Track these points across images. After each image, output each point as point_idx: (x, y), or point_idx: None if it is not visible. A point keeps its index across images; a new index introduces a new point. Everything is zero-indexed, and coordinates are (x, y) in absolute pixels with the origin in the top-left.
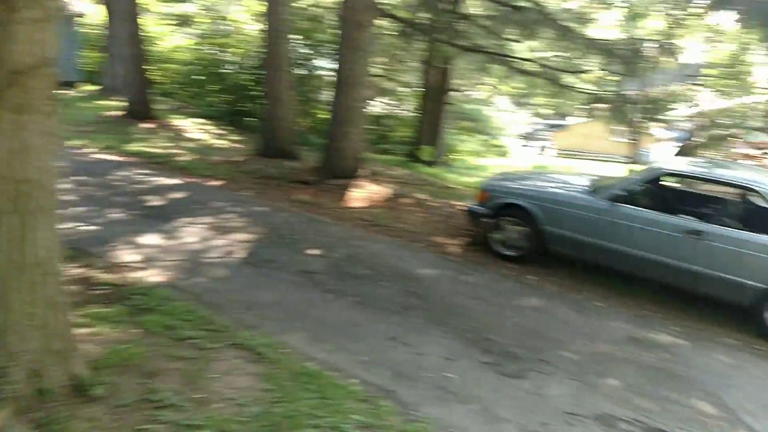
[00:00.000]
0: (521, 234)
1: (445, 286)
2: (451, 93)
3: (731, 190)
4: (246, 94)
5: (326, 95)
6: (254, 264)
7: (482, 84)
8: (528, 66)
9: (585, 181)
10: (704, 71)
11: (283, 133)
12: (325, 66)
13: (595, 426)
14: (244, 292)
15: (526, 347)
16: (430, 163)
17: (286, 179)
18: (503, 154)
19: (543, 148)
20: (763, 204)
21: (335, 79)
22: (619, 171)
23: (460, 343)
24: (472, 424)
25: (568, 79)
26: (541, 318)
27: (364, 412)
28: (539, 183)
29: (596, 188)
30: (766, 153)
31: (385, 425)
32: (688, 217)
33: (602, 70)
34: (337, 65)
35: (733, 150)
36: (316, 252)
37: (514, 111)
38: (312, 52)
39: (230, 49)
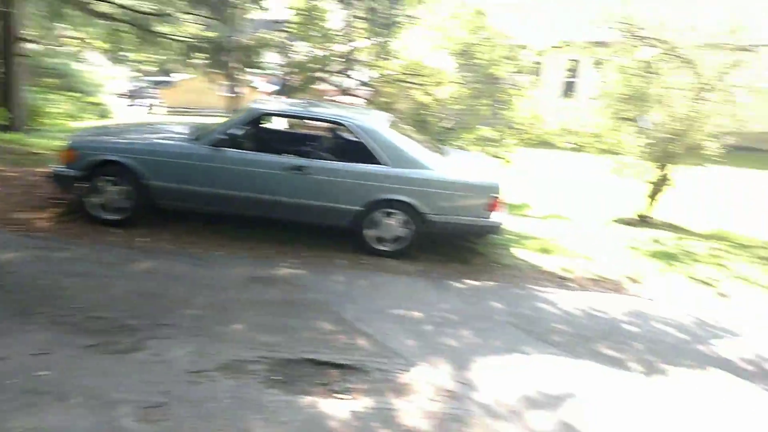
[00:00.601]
0: (123, 193)
1: (32, 269)
2: (25, 45)
3: (325, 125)
4: None
5: None
6: None
7: (70, 37)
8: (110, 10)
9: (187, 130)
10: (290, 19)
11: None
12: None
13: (221, 377)
14: None
15: (143, 316)
16: (6, 128)
17: None
18: (105, 115)
19: (151, 106)
20: (351, 136)
21: None
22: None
23: (58, 331)
24: (76, 419)
25: (162, 28)
26: (158, 280)
27: None
28: (137, 135)
29: (198, 135)
30: (348, 93)
31: None
32: (290, 155)
33: (189, 14)
34: None
35: (325, 95)
36: None
37: (112, 67)
38: None
39: None
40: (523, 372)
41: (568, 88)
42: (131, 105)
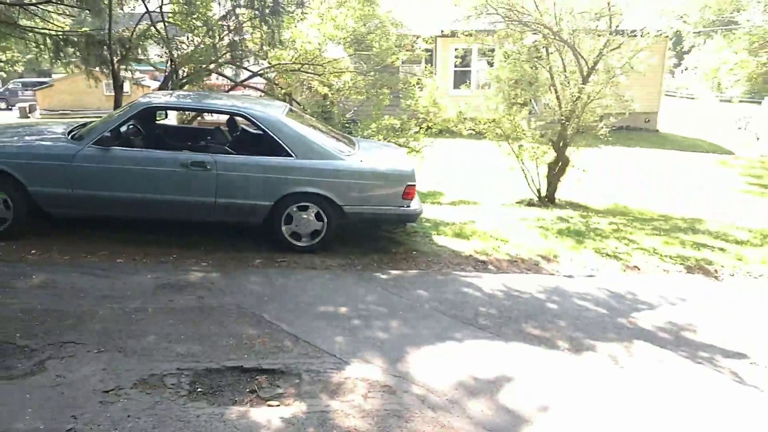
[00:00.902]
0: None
1: None
2: None
3: (224, 118)
4: None
5: None
6: None
7: None
8: None
9: (67, 130)
10: (171, 10)
11: None
12: None
13: (137, 394)
14: None
15: (40, 335)
16: None
17: None
18: None
19: (28, 109)
20: (254, 129)
21: None
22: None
23: None
24: None
25: (28, 21)
26: (54, 295)
27: None
28: (11, 138)
29: (80, 135)
30: (243, 85)
31: None
32: (189, 150)
33: (52, 3)
34: None
35: (220, 88)
36: None
37: None
38: None
39: None
40: (457, 359)
41: (462, 78)
42: (4, 109)
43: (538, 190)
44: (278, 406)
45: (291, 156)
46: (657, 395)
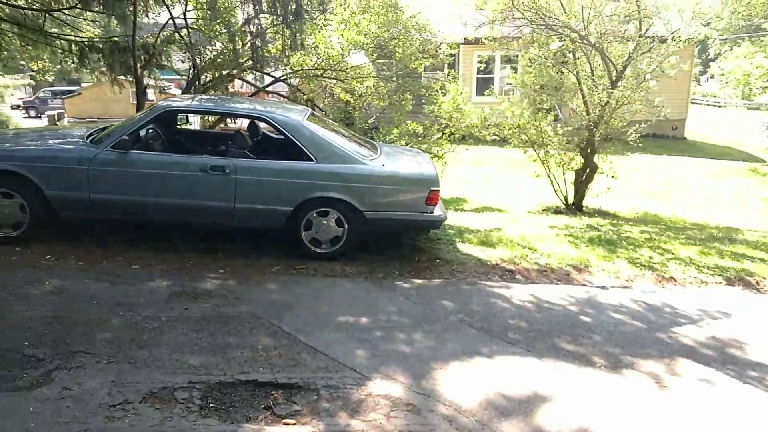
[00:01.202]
0: (16, 206)
1: None
2: None
3: (245, 122)
4: None
5: None
6: None
7: None
8: None
9: (85, 133)
10: (194, 17)
11: None
12: None
13: (146, 409)
14: None
15: (48, 343)
16: None
17: None
18: (3, 127)
19: (56, 117)
20: (274, 133)
21: None
22: None
23: None
24: None
25: (55, 29)
26: (66, 302)
27: None
28: (30, 142)
29: (99, 138)
30: (265, 91)
31: None
32: (208, 154)
33: (81, 9)
34: None
35: (242, 94)
36: None
37: (8, 76)
38: None
39: None
40: (486, 375)
41: (485, 85)
42: (33, 117)
43: (565, 198)
44: (294, 424)
45: (312, 160)
46: (705, 419)
